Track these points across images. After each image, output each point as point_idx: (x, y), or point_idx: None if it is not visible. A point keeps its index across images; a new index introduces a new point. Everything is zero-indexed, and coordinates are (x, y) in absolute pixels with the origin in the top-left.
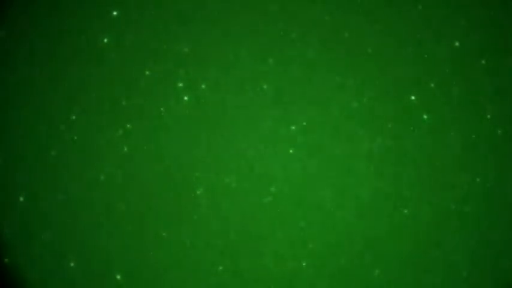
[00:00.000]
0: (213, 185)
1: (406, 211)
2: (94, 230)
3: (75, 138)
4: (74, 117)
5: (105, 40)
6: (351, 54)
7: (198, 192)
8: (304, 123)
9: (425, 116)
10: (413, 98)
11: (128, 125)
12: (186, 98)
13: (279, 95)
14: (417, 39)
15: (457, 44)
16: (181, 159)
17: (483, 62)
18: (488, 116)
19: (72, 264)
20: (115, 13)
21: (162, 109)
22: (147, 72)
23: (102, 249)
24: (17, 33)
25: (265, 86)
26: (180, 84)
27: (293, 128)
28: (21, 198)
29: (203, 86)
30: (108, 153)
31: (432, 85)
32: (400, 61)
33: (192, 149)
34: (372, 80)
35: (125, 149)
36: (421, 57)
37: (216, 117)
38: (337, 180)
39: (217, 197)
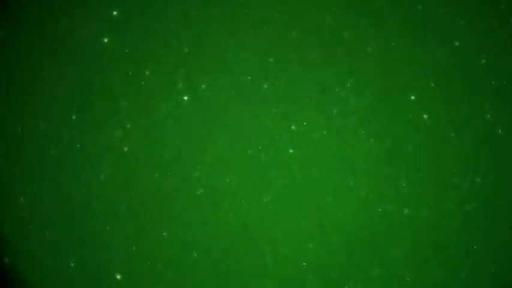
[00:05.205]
0: (213, 185)
1: (406, 211)
2: (94, 230)
3: (75, 138)
4: (74, 117)
5: (105, 40)
6: (351, 54)
7: (198, 192)
8: (304, 123)
9: (425, 116)
10: (413, 98)
11: (128, 125)
12: (186, 98)
13: (279, 94)
14: (417, 39)
15: (457, 44)
16: (181, 159)
17: (483, 62)
18: (488, 116)
19: (72, 264)
20: (115, 13)
21: (162, 109)
22: (147, 72)
23: (102, 249)
24: (17, 33)
25: (265, 86)
26: (180, 84)
27: (293, 128)
28: (21, 198)
29: (203, 86)
30: (108, 153)
31: (432, 85)
32: (400, 61)
33: (192, 149)
34: (372, 80)
35: (125, 149)
36: (421, 57)
37: (216, 117)
38: (337, 180)
39: (217, 197)
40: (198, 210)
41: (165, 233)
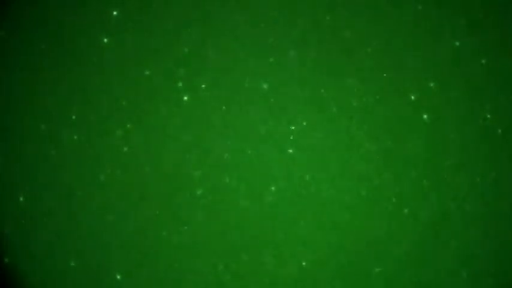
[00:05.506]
0: (213, 185)
1: (406, 211)
2: (94, 230)
3: (75, 138)
4: (74, 117)
5: (105, 40)
6: (351, 54)
7: (198, 192)
8: (304, 123)
9: (425, 116)
10: (413, 98)
11: (128, 125)
12: (186, 98)
13: (279, 94)
14: (417, 39)
15: (457, 44)
16: (181, 159)
17: (483, 62)
18: (488, 116)
19: (72, 264)
20: (115, 13)
21: (162, 109)
22: (147, 72)
23: (102, 249)
24: (17, 33)
25: (265, 86)
26: (180, 84)
27: (293, 128)
28: (21, 198)
29: (203, 86)
30: (108, 153)
31: (432, 85)
32: (400, 61)
33: (192, 148)
34: (372, 80)
35: (125, 149)
36: (421, 57)
37: (216, 117)
38: (337, 179)
39: (217, 197)
40: (198, 210)
41: (165, 233)
